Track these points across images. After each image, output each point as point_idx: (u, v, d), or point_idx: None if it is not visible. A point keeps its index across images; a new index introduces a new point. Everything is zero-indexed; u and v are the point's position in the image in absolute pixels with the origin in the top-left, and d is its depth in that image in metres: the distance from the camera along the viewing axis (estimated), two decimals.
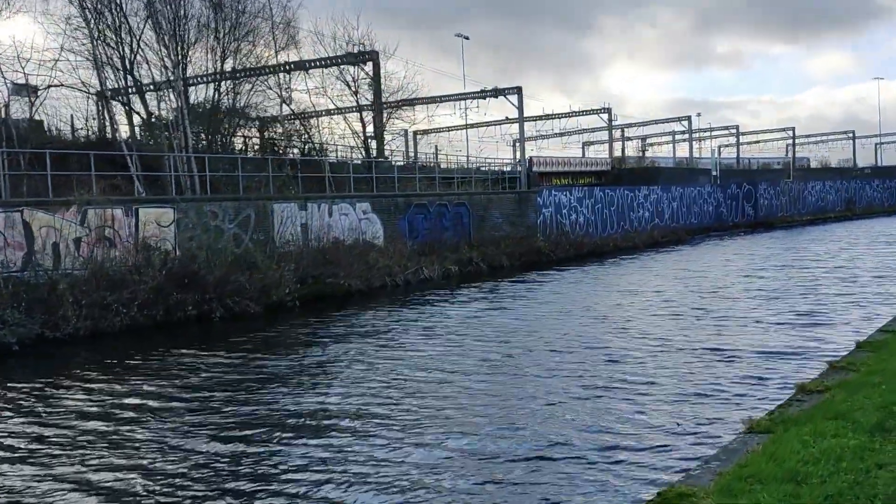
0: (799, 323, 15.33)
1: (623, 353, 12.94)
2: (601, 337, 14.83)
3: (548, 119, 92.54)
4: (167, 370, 13.37)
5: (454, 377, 11.88)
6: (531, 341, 14.81)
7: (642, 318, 17.14)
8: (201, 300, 18.44)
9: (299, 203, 25.88)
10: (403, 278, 25.80)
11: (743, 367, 11.40)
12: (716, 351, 12.79)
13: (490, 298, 21.78)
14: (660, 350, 13.17)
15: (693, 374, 11.09)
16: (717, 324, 15.81)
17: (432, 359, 13.37)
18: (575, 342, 14.38)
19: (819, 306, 17.45)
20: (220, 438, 9.17)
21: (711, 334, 14.59)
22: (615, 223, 42.91)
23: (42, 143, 23.53)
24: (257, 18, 30.82)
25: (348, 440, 8.78)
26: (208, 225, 22.96)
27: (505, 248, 31.76)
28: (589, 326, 16.28)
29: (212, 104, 31.73)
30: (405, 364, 13.05)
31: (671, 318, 17.01)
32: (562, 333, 15.48)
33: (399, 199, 29.87)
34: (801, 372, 10.25)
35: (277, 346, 15.49)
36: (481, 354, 13.63)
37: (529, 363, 12.77)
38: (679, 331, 15.10)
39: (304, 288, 21.77)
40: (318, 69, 39.06)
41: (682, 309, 18.13)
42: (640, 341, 14.04)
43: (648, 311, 18.22)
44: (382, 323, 17.97)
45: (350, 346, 15.08)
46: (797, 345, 12.96)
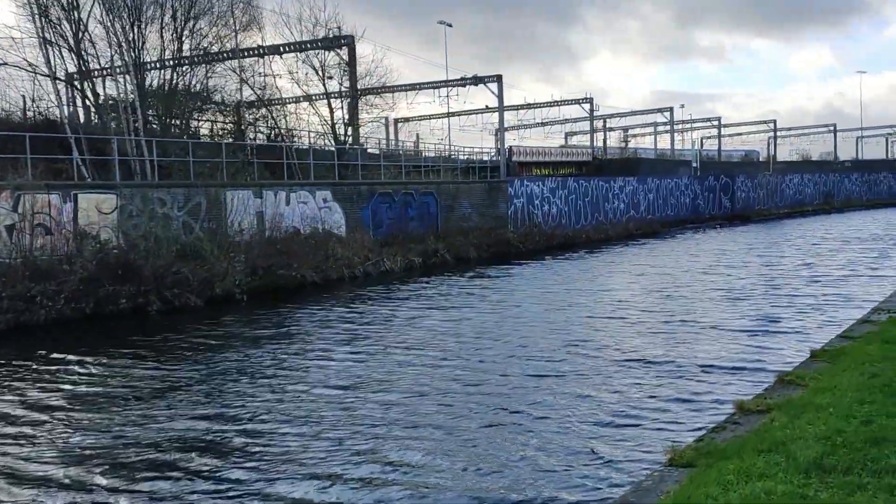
0: (755, 328, 14.06)
1: (551, 366, 11.52)
2: (531, 346, 13.20)
3: (529, 108, 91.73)
4: (24, 379, 11.96)
5: (350, 397, 10.23)
6: (449, 348, 13.25)
7: (586, 321, 15.78)
8: (136, 292, 17.40)
9: (254, 190, 24.82)
10: (363, 270, 24.87)
11: (685, 380, 10.29)
12: (657, 363, 11.45)
13: (435, 296, 20.63)
14: (593, 361, 11.75)
15: (625, 390, 9.91)
16: (667, 330, 14.33)
17: (337, 373, 11.69)
18: (498, 350, 12.96)
19: (779, 309, 16.27)
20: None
21: (658, 342, 13.18)
22: (589, 215, 42.12)
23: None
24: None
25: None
26: (155, 212, 21.86)
27: (473, 239, 30.88)
28: (522, 330, 14.79)
29: (169, 86, 30.56)
30: (307, 378, 11.43)
31: (617, 322, 15.46)
32: (488, 340, 13.92)
33: (362, 188, 28.86)
34: (747, 385, 9.35)
35: (189, 349, 13.92)
36: (389, 367, 11.94)
37: (437, 377, 11.22)
38: (622, 338, 13.66)
39: (254, 280, 20.78)
40: (290, 53, 37.94)
41: (632, 312, 16.56)
42: (573, 351, 12.58)
43: (595, 313, 16.75)
44: (317, 321, 16.70)
45: (265, 350, 13.65)
46: (748, 354, 11.85)
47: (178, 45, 29.70)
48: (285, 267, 21.83)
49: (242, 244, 21.65)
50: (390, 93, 66.19)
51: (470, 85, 62.18)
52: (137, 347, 14.01)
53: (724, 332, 13.78)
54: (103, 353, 13.44)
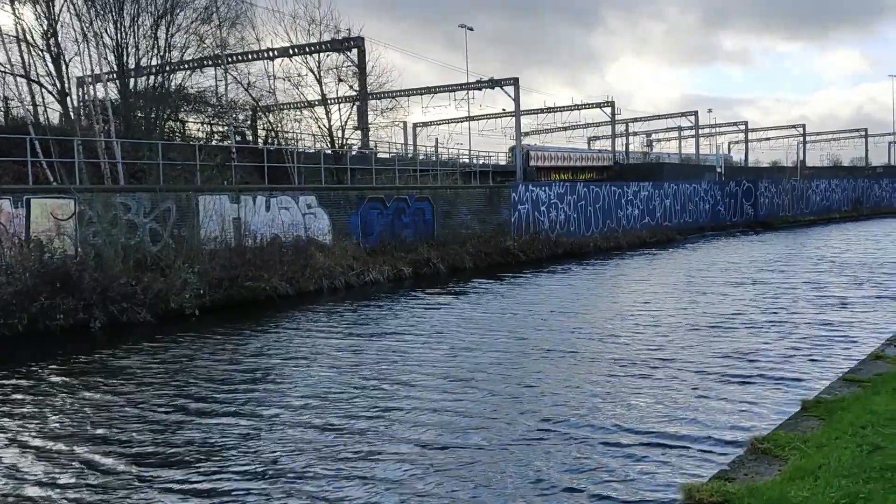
0: (737, 375, 10.95)
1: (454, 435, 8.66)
2: (435, 402, 10.14)
3: (550, 112, 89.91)
4: None
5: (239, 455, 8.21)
6: (372, 387, 11.07)
7: (518, 363, 12.44)
8: (77, 307, 15.92)
9: (230, 195, 23.33)
10: (344, 281, 23.25)
11: (623, 456, 7.61)
12: (589, 428, 8.56)
13: (382, 317, 19.03)
14: (508, 430, 8.71)
15: (541, 465, 7.47)
16: (619, 374, 11.20)
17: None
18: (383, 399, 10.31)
19: (775, 345, 13.03)
20: None
21: (603, 391, 10.20)
22: (600, 221, 40.17)
23: None
24: None
25: None
26: (118, 219, 20.46)
27: (470, 247, 29.14)
28: (445, 369, 11.90)
29: (155, 87, 29.28)
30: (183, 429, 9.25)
31: (559, 364, 12.15)
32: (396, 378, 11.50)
33: (351, 193, 27.26)
34: (708, 455, 7.37)
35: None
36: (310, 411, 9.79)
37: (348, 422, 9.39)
38: (553, 390, 10.41)
39: (217, 293, 19.25)
40: (298, 56, 36.56)
41: (584, 346, 13.41)
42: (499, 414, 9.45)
43: (544, 354, 13.03)
44: (238, 349, 14.83)
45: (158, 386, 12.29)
46: (721, 407, 9.23)
47: (163, 43, 28.41)
48: (254, 278, 20.27)
49: (206, 254, 20.09)
50: (406, 96, 65.16)
51: (486, 88, 60.88)
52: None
53: (700, 376, 11.03)
54: None
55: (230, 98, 35.08)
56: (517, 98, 51.97)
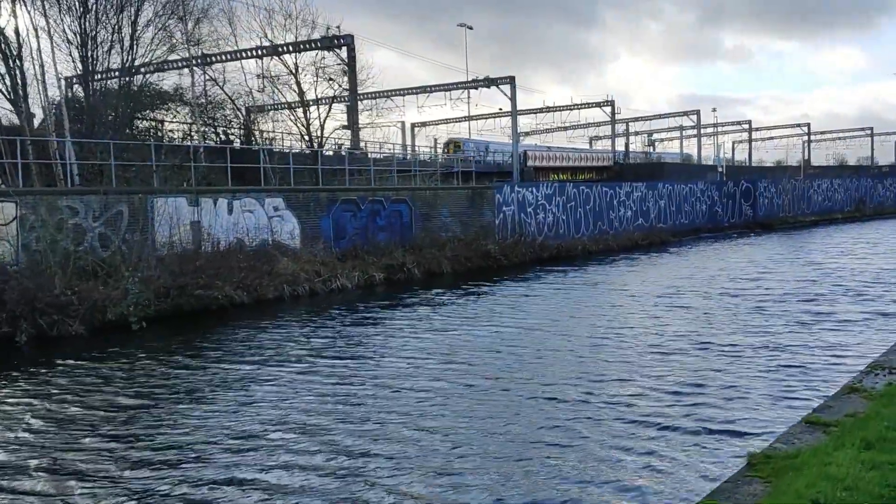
0: (683, 412, 9.40)
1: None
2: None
3: (548, 112, 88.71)
4: None
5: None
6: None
7: (430, 384, 11.30)
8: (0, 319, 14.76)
9: (189, 198, 22.16)
10: (308, 288, 22.04)
11: None
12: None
13: (338, 325, 17.87)
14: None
15: None
16: (544, 419, 9.42)
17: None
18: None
19: (735, 374, 11.44)
20: None
21: (519, 443, 8.65)
22: (591, 224, 38.87)
23: None
24: None
25: None
26: (64, 223, 19.31)
27: (448, 251, 27.90)
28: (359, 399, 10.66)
29: (121, 84, 28.16)
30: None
31: (469, 395, 10.70)
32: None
33: (321, 195, 26.04)
34: None
35: None
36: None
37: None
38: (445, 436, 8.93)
39: (163, 302, 18.07)
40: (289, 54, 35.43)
41: (508, 385, 11.25)
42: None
43: (472, 382, 11.44)
44: (170, 362, 13.94)
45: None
46: (667, 463, 7.63)
47: (128, 38, 27.27)
48: (206, 286, 19.08)
49: (153, 261, 18.91)
50: (400, 95, 64.01)
51: (483, 87, 59.79)
52: None
53: (630, 414, 9.49)
54: None
55: (207, 95, 34.07)
56: (513, 97, 50.80)
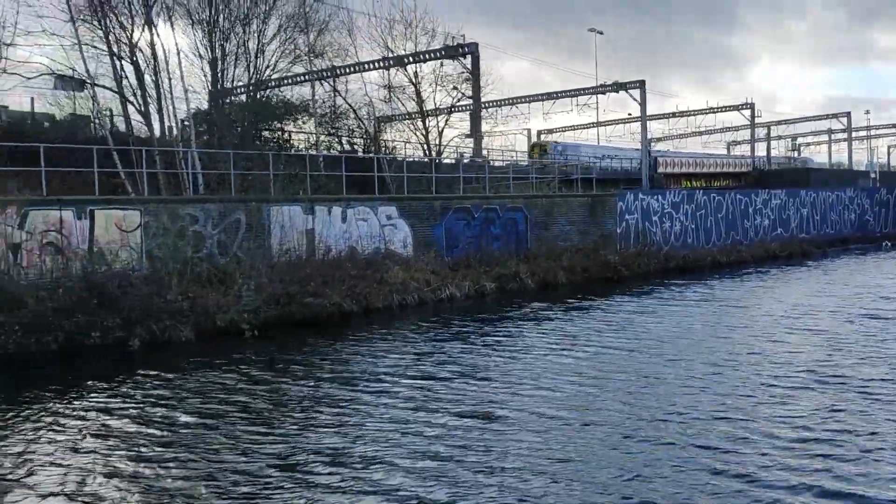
0: (828, 472, 7.97)
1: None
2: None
3: (681, 116, 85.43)
4: None
5: None
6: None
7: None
8: (114, 324, 15.28)
9: (304, 206, 22.43)
10: (417, 297, 21.71)
11: None
12: None
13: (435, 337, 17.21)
14: None
15: None
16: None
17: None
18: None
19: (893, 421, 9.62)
20: None
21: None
22: (723, 233, 36.50)
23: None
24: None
25: None
26: (185, 230, 19.99)
27: (564, 261, 26.84)
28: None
29: (249, 96, 29.17)
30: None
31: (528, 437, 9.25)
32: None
33: (435, 203, 25.75)
34: None
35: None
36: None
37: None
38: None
39: (275, 309, 18.21)
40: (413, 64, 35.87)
41: (617, 410, 10.17)
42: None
43: (551, 412, 10.21)
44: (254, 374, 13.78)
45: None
46: None
47: (254, 51, 28.19)
48: (315, 294, 19.11)
49: (264, 268, 19.15)
50: (525, 102, 63.39)
51: (611, 92, 58.33)
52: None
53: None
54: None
55: (334, 108, 34.77)
56: (643, 101, 49.02)
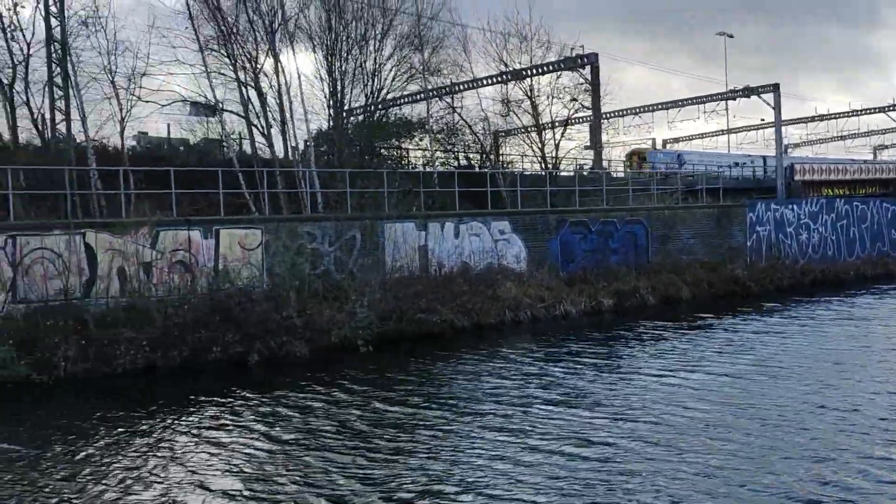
0: None
1: None
2: None
3: (822, 120, 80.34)
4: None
5: None
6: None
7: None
8: (234, 340, 15.85)
9: (418, 222, 22.59)
10: (530, 314, 21.30)
11: None
12: None
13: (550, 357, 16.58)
14: None
15: None
16: None
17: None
18: None
19: None
20: None
21: None
22: (867, 244, 33.73)
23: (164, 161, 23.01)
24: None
25: None
26: (304, 248, 20.59)
27: (688, 276, 25.59)
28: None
29: (366, 115, 29.88)
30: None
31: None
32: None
33: (549, 217, 25.26)
34: None
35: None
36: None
37: None
38: None
39: (387, 325, 18.37)
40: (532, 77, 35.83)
41: (733, 452, 9.09)
42: None
43: (640, 447, 9.35)
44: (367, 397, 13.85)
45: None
46: None
47: (371, 71, 28.85)
48: (427, 310, 19.14)
49: (377, 285, 19.35)
50: (649, 111, 61.69)
51: (741, 97, 55.92)
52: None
53: None
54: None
55: (452, 124, 35.03)
56: (777, 106, 46.30)
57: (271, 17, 25.18)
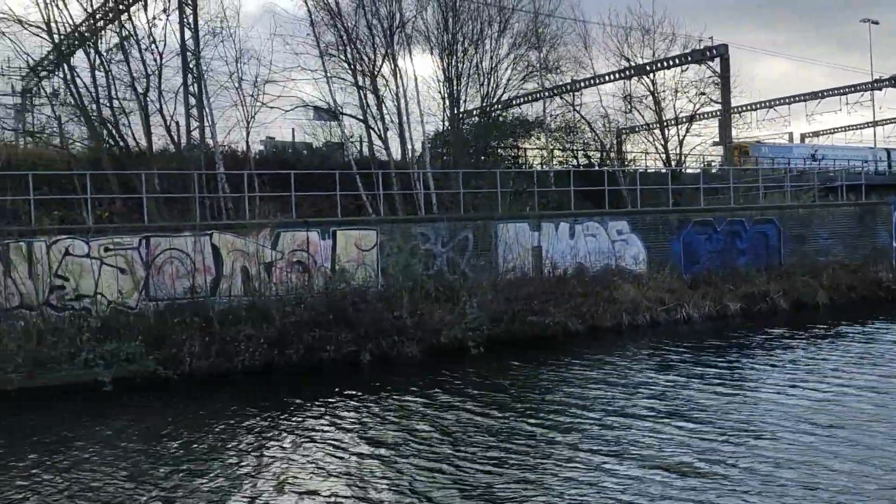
0: None
1: None
2: None
3: None
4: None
5: None
6: None
7: None
8: (348, 339, 16.14)
9: (531, 222, 22.27)
10: (649, 318, 20.48)
11: None
12: None
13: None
14: None
15: None
16: None
17: None
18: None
19: None
20: None
21: None
22: None
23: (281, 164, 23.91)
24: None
25: None
26: (417, 249, 20.76)
27: (825, 279, 23.79)
28: None
29: (484, 115, 29.80)
30: None
31: None
32: None
33: (671, 216, 24.22)
34: None
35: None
36: None
37: None
38: None
39: (498, 327, 18.17)
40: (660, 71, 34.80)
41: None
42: None
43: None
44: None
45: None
46: None
47: (487, 70, 28.71)
48: (538, 312, 18.78)
49: (488, 286, 19.18)
50: (785, 104, 58.43)
51: (887, 87, 52.36)
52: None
53: None
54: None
55: (571, 122, 34.43)
56: None
57: (390, 20, 25.63)
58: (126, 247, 17.60)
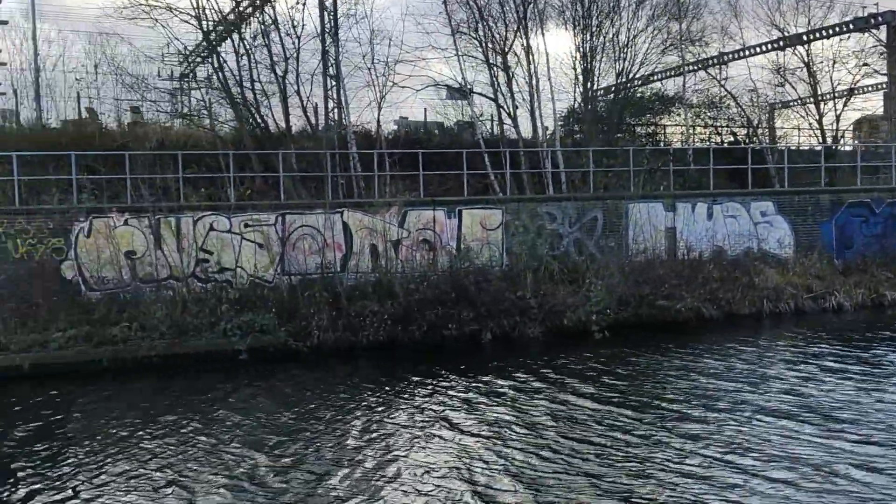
0: None
1: None
2: None
3: None
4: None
5: None
6: None
7: None
8: (469, 318, 16.18)
9: (665, 203, 21.34)
10: (793, 305, 19.13)
11: None
12: None
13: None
14: None
15: None
16: None
17: None
18: None
19: None
20: None
21: None
22: None
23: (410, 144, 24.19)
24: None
25: None
26: (543, 229, 20.45)
27: None
28: None
29: (619, 90, 28.77)
30: None
31: None
32: None
33: (822, 197, 22.42)
34: None
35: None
36: None
37: None
38: None
39: (625, 310, 17.60)
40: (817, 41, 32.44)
41: None
42: None
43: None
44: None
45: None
46: None
47: (624, 43, 27.63)
48: (669, 296, 18.00)
49: (615, 268, 18.55)
50: None
51: None
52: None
53: None
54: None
55: (717, 97, 32.62)
56: None
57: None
58: (264, 223, 18.52)
